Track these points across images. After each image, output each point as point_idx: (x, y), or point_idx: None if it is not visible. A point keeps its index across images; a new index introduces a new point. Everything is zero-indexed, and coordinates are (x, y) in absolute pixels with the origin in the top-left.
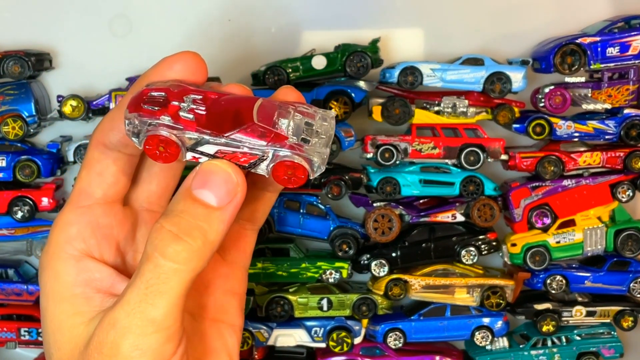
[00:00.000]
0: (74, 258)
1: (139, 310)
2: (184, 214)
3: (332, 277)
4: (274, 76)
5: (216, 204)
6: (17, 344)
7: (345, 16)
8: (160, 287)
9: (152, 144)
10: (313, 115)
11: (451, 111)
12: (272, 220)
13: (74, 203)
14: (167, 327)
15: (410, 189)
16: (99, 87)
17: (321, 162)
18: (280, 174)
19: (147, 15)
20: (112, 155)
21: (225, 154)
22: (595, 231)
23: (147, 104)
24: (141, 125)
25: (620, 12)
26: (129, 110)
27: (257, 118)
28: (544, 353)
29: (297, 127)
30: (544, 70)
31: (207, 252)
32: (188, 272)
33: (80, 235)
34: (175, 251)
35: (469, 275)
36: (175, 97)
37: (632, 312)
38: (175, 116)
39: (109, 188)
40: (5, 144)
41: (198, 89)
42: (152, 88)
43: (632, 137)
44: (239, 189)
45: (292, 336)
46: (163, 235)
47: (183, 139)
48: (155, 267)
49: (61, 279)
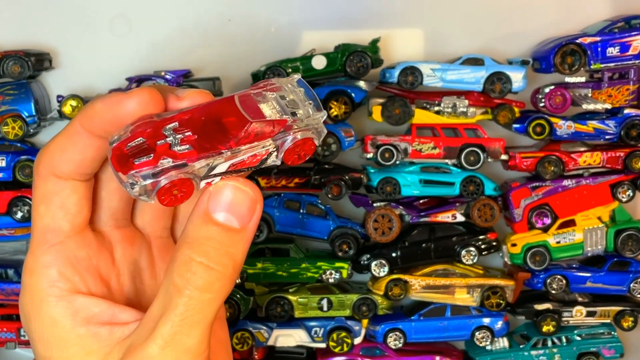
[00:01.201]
0: (64, 299)
1: (172, 343)
2: (209, 241)
3: (332, 277)
4: (274, 76)
5: (239, 226)
6: (17, 344)
7: (345, 16)
8: (196, 317)
9: (165, 194)
10: (279, 87)
11: (451, 111)
12: (272, 220)
13: (42, 243)
14: (201, 353)
15: (410, 189)
16: (99, 87)
17: (321, 127)
18: (291, 157)
19: (147, 15)
20: (69, 185)
21: (237, 165)
22: (595, 231)
23: (136, 157)
24: (145, 180)
25: (620, 12)
26: (122, 173)
27: (250, 116)
28: (544, 353)
29: (281, 105)
30: (544, 70)
31: (236, 276)
32: (221, 299)
33: (63, 275)
34: (209, 282)
35: (469, 275)
36: (154, 136)
37: (632, 312)
38: (172, 154)
39: (74, 218)
40: (5, 144)
41: (165, 118)
42: (121, 141)
43: (632, 137)
44: (257, 204)
45: (292, 336)
46: (194, 268)
47: (194, 172)
48: (190, 299)
49: (59, 324)
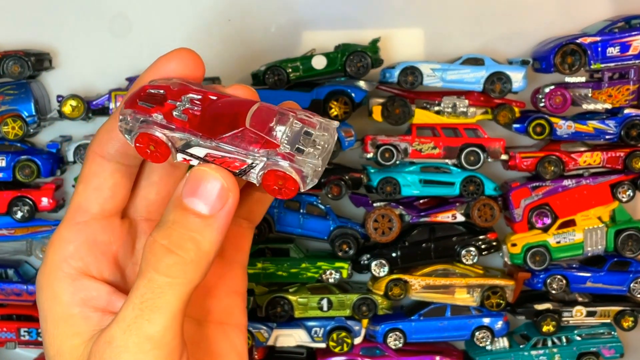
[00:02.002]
0: (70, 277)
1: (135, 327)
2: (175, 225)
3: (332, 277)
4: (274, 76)
5: (208, 212)
6: (17, 344)
7: (345, 16)
8: (156, 302)
9: (142, 142)
10: (314, 124)
11: (451, 111)
12: (272, 220)
13: (70, 219)
14: (166, 343)
15: (410, 189)
16: (99, 87)
17: (313, 175)
18: (270, 183)
19: (147, 15)
20: (110, 168)
21: (216, 158)
22: (595, 231)
23: (143, 100)
24: (134, 122)
25: (620, 12)
26: (124, 106)
27: (249, 123)
28: (544, 353)
29: (295, 136)
30: (544, 70)
31: (202, 264)
32: (184, 285)
33: (77, 253)
34: (167, 265)
35: (469, 275)
36: (174, 95)
37: (632, 312)
38: (169, 115)
39: (106, 202)
40: (5, 144)
41: (199, 89)
42: (153, 85)
43: (632, 137)
44: (230, 194)
45: (292, 336)
46: (155, 249)
47: (174, 140)
48: (149, 281)
49: (58, 299)
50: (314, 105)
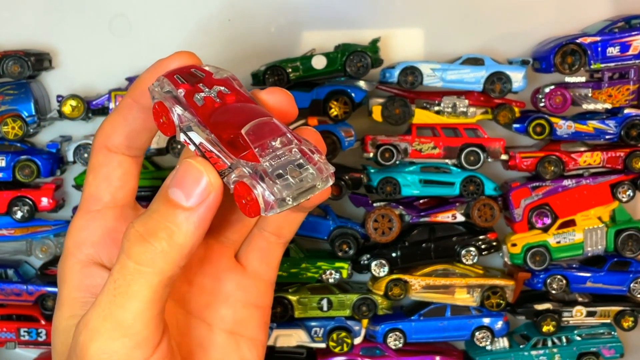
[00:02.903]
0: (81, 263)
1: (109, 313)
2: (155, 213)
3: (332, 277)
4: (274, 76)
5: (187, 205)
6: (17, 344)
7: (345, 16)
8: (127, 289)
9: (158, 110)
10: (313, 160)
11: (451, 111)
12: None
13: (84, 208)
14: (136, 333)
15: (410, 189)
16: (99, 87)
17: (278, 205)
18: (240, 195)
19: (147, 15)
20: (116, 159)
21: (206, 151)
22: (595, 231)
23: (180, 75)
24: (160, 89)
25: (620, 11)
26: (164, 75)
27: (246, 130)
28: (544, 353)
29: (286, 162)
30: (544, 70)
31: (174, 255)
32: (154, 274)
33: (89, 240)
34: (138, 252)
35: (469, 275)
36: (208, 82)
37: (632, 313)
38: (190, 95)
39: (116, 192)
40: (5, 144)
41: (236, 89)
42: (201, 68)
43: (632, 137)
44: (212, 189)
45: (292, 336)
46: (130, 235)
47: (182, 118)
48: (122, 268)
49: (67, 283)
50: (314, 105)
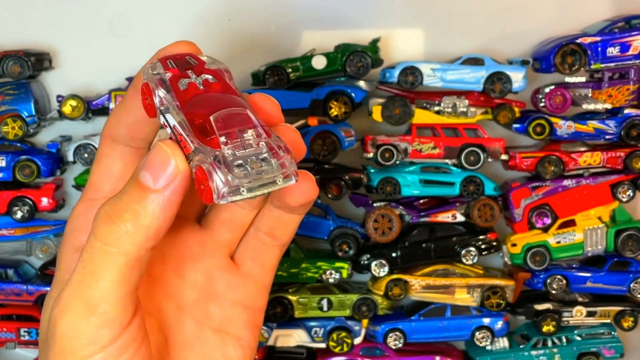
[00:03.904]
0: (74, 248)
1: (79, 292)
2: (124, 195)
3: (332, 277)
4: (274, 76)
5: (153, 186)
6: (17, 344)
7: (345, 16)
8: (94, 268)
9: (144, 91)
10: (280, 157)
11: (451, 111)
12: None
13: (85, 196)
14: (104, 312)
15: (410, 189)
16: (99, 87)
17: (231, 193)
18: (198, 179)
19: (147, 15)
20: (119, 149)
21: (178, 134)
22: (595, 231)
23: (173, 61)
24: (151, 72)
25: (620, 11)
26: (161, 59)
27: (215, 116)
28: (545, 353)
29: (249, 153)
30: (544, 70)
31: (139, 237)
32: (119, 255)
33: (85, 227)
34: (104, 232)
35: (469, 275)
36: (198, 69)
37: (632, 313)
38: (175, 79)
39: (116, 182)
40: (5, 144)
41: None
42: (196, 56)
43: (632, 137)
44: (177, 172)
45: (292, 336)
46: (98, 216)
47: (163, 100)
48: (90, 247)
49: (60, 268)
50: (314, 105)
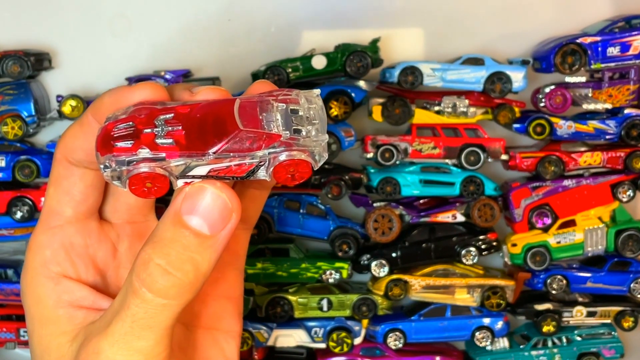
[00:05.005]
0: (52, 280)
1: (123, 342)
2: (173, 243)
3: (332, 278)
4: (274, 76)
5: (209, 232)
6: (17, 344)
7: (345, 16)
8: (149, 321)
9: (137, 184)
10: (296, 99)
11: (451, 111)
12: (272, 220)
13: (45, 224)
14: (156, 355)
15: (410, 189)
16: (99, 87)
17: (322, 150)
18: (282, 175)
19: (147, 15)
20: (78, 172)
21: (219, 171)
22: (595, 231)
23: (118, 140)
24: (120, 167)
25: (620, 11)
26: (100, 153)
27: (242, 124)
28: (545, 353)
29: (286, 119)
30: (545, 70)
31: (198, 285)
32: (178, 306)
33: (55, 258)
34: (165, 287)
35: (469, 275)
36: (145, 123)
37: (632, 313)
38: (153, 145)
39: (78, 205)
40: (5, 144)
41: (166, 107)
42: (116, 120)
43: (632, 137)
44: (233, 214)
45: (292, 336)
46: (151, 269)
47: (169, 169)
48: (143, 302)
49: (43, 302)
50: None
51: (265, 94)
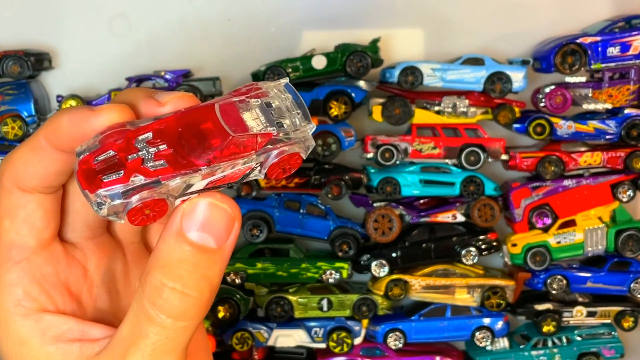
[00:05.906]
0: (31, 318)
1: None
2: (183, 264)
3: (332, 278)
4: (274, 76)
5: (215, 245)
6: None
7: (345, 16)
8: (169, 345)
9: (136, 214)
10: (267, 93)
11: (451, 111)
12: (272, 220)
13: (8, 260)
14: None
15: (410, 189)
16: (99, 87)
17: (310, 139)
18: (275, 171)
19: (147, 15)
20: (34, 199)
21: (217, 181)
22: (595, 231)
23: (104, 173)
24: (115, 200)
25: (620, 11)
26: (89, 191)
27: (231, 129)
28: (545, 353)
29: (266, 114)
30: (545, 70)
31: (213, 300)
32: (197, 324)
33: (28, 294)
34: (185, 310)
35: (469, 275)
36: (126, 149)
37: (632, 313)
38: (144, 170)
39: (40, 234)
40: (5, 144)
41: (139, 127)
42: (90, 153)
43: (632, 137)
44: (235, 222)
45: (292, 336)
46: (167, 294)
47: (168, 191)
48: (162, 329)
49: (27, 343)
50: (314, 105)
51: (235, 93)
